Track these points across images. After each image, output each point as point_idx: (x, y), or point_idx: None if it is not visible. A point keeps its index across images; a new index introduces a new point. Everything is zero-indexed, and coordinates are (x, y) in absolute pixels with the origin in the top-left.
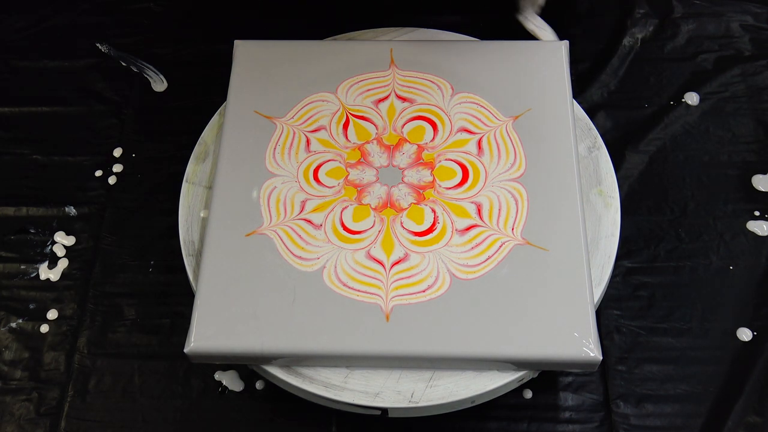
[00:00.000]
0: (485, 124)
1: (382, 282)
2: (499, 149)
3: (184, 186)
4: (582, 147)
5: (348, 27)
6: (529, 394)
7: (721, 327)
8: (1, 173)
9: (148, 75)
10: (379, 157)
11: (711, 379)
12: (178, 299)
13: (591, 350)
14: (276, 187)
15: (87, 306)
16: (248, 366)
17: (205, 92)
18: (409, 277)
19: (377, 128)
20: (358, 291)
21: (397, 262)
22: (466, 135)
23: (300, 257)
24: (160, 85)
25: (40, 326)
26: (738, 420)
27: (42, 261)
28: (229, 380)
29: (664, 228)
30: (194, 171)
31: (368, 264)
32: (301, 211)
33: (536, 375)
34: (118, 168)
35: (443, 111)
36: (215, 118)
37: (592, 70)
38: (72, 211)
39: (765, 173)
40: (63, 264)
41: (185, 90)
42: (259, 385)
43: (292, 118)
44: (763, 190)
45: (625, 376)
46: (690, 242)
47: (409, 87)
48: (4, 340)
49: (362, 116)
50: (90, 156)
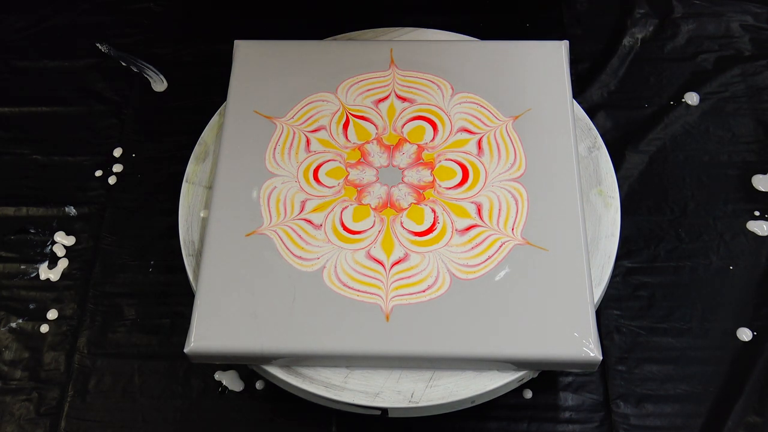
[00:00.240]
0: (485, 124)
1: (382, 282)
2: (499, 149)
3: (184, 186)
4: (582, 147)
5: (348, 27)
6: (529, 394)
7: (721, 327)
8: (1, 173)
9: (148, 75)
10: (379, 157)
11: (711, 379)
12: (178, 299)
13: (591, 350)
14: (276, 187)
15: (87, 306)
16: (248, 366)
17: (205, 92)
18: (409, 277)
19: (377, 128)
20: (358, 291)
21: (397, 262)
22: (466, 135)
23: (300, 257)
24: (160, 85)
25: (40, 326)
26: (738, 420)
27: (42, 261)
28: (229, 380)
29: (664, 228)
30: (194, 171)
31: (368, 264)
32: (301, 211)
33: (536, 375)
34: (118, 168)
35: (443, 111)
36: (215, 118)
37: (592, 70)
38: (72, 211)
39: (765, 173)
40: (63, 264)
41: (185, 90)
42: (259, 385)
43: (292, 118)
44: (763, 190)
45: (625, 376)
46: (690, 242)
47: (409, 87)
48: (4, 340)
49: (362, 116)
50: (90, 156)
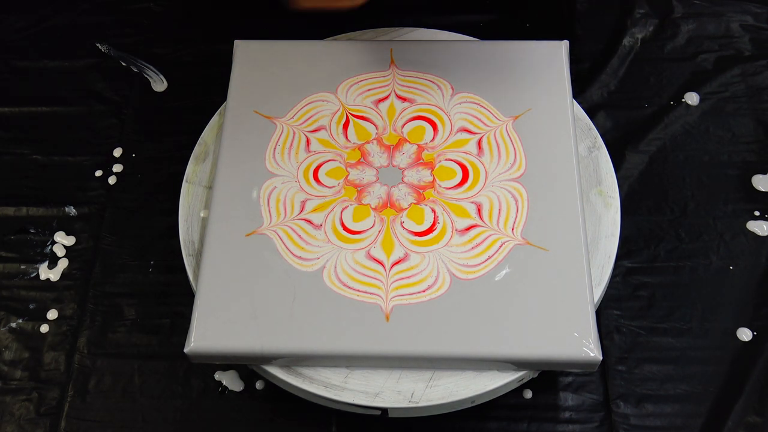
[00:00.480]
0: (485, 124)
1: (382, 282)
2: (499, 149)
3: (184, 186)
4: (582, 147)
5: (348, 27)
6: (529, 394)
7: (721, 327)
8: (1, 173)
9: (148, 75)
10: (379, 157)
11: (711, 379)
12: (178, 299)
13: (591, 350)
14: (276, 187)
15: (87, 306)
16: (248, 366)
17: (205, 92)
18: (409, 277)
19: (377, 128)
20: (358, 291)
21: (397, 262)
22: (466, 135)
23: (300, 257)
24: (160, 85)
25: (40, 326)
26: (738, 420)
27: (42, 261)
28: (229, 380)
29: (664, 228)
30: (194, 171)
31: (368, 264)
32: (301, 211)
33: (536, 375)
34: (118, 168)
35: (443, 111)
36: (215, 118)
37: (592, 70)
38: (72, 211)
39: (765, 173)
40: (63, 264)
41: (185, 90)
42: (259, 385)
43: (292, 118)
44: (763, 190)
45: (625, 376)
46: (690, 242)
47: (409, 87)
48: (4, 340)
49: (362, 116)
50: (90, 156)
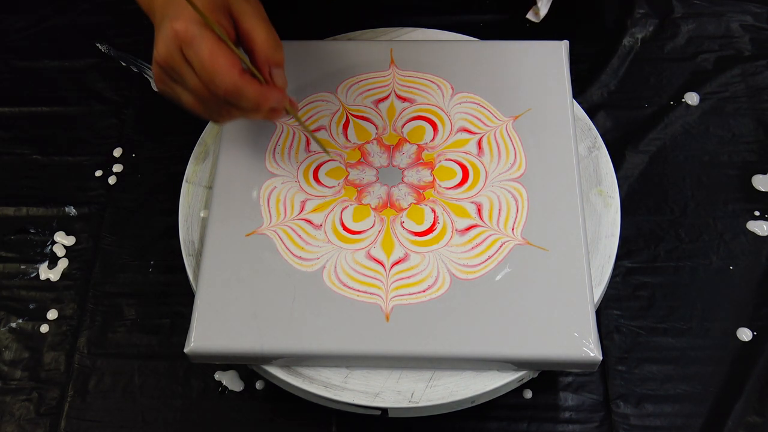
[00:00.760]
0: (485, 124)
1: (382, 282)
2: (499, 149)
3: (184, 186)
4: (582, 147)
5: (348, 27)
6: (529, 394)
7: (721, 327)
8: (1, 173)
9: (148, 75)
10: (379, 157)
11: (711, 379)
12: (178, 299)
13: (591, 350)
14: (276, 187)
15: (87, 306)
16: (248, 366)
17: None
18: (409, 277)
19: (377, 128)
20: (358, 291)
21: (397, 262)
22: (466, 135)
23: (300, 257)
24: None
25: (40, 326)
26: (738, 420)
27: (42, 261)
28: (229, 380)
29: (664, 228)
30: (194, 171)
31: (368, 264)
32: (301, 211)
33: (536, 375)
34: (118, 168)
35: (443, 111)
36: None
37: (592, 70)
38: (72, 211)
39: (765, 173)
40: (63, 264)
41: None
42: (259, 385)
43: (292, 118)
44: (763, 190)
45: (625, 376)
46: (690, 242)
47: (409, 87)
48: (4, 340)
49: (362, 116)
50: (90, 156)
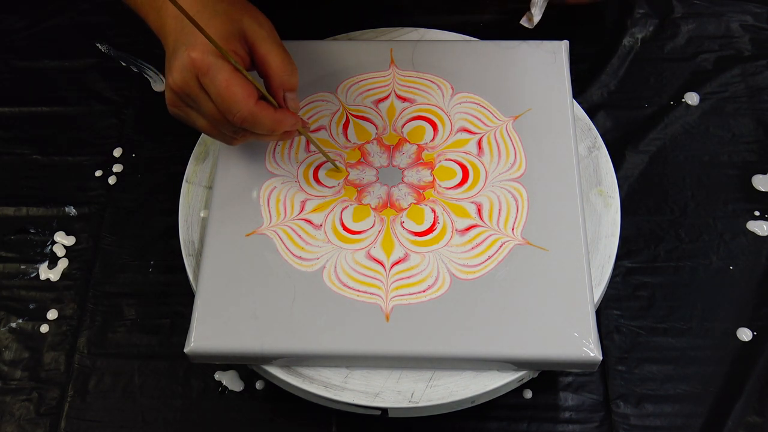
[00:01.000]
0: (485, 124)
1: (382, 282)
2: (499, 149)
3: (184, 186)
4: (582, 147)
5: (348, 27)
6: (529, 394)
7: (721, 327)
8: (1, 173)
9: (148, 75)
10: (379, 157)
11: (711, 379)
12: (178, 299)
13: (591, 350)
14: (276, 187)
15: (87, 306)
16: (248, 366)
17: None
18: (409, 277)
19: (377, 128)
20: (358, 291)
21: (397, 262)
22: (466, 135)
23: (300, 257)
24: (160, 85)
25: (40, 326)
26: (738, 420)
27: (42, 261)
28: (229, 380)
29: (664, 228)
30: (194, 171)
31: (368, 264)
32: (301, 211)
33: (536, 375)
34: (118, 168)
35: (443, 111)
36: None
37: (592, 70)
38: (72, 211)
39: (765, 173)
40: (63, 264)
41: None
42: (259, 385)
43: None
44: (763, 190)
45: (625, 376)
46: (690, 242)
47: (409, 87)
48: (4, 340)
49: (362, 116)
50: (90, 156)
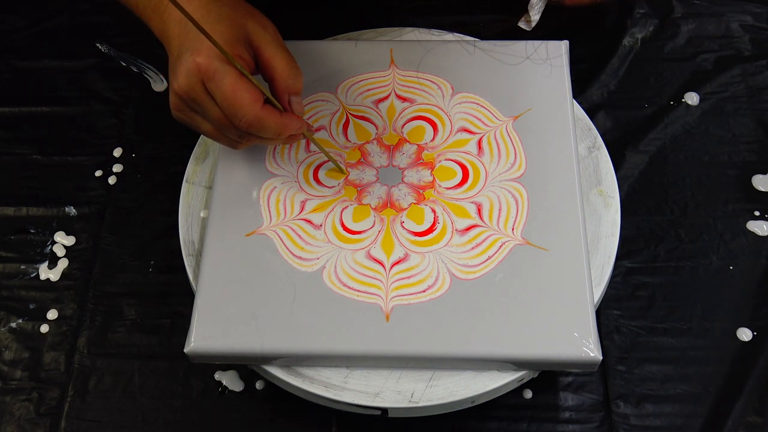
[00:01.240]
0: (485, 124)
1: (382, 282)
2: (499, 149)
3: (184, 186)
4: (582, 147)
5: (348, 27)
6: (529, 394)
7: (721, 327)
8: (1, 173)
9: (148, 75)
10: (379, 157)
11: (711, 379)
12: (178, 299)
13: (591, 350)
14: (276, 187)
15: (87, 306)
16: (248, 366)
17: None
18: (409, 277)
19: (377, 128)
20: (358, 291)
21: (397, 263)
22: (466, 135)
23: (300, 257)
24: (160, 85)
25: (40, 326)
26: (738, 420)
27: (42, 261)
28: (229, 380)
29: (664, 228)
30: (194, 171)
31: (368, 264)
32: (301, 211)
33: (536, 375)
34: (118, 168)
35: (443, 111)
36: None
37: (592, 70)
38: (72, 211)
39: (765, 173)
40: (63, 264)
41: None
42: (259, 385)
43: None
44: (763, 190)
45: (625, 376)
46: (690, 242)
47: (409, 87)
48: (4, 340)
49: (362, 116)
50: (90, 156)
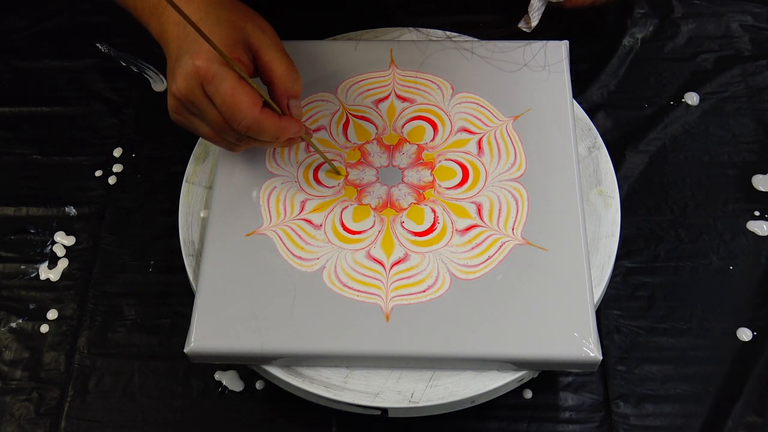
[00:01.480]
0: (485, 124)
1: (382, 282)
2: (499, 149)
3: (184, 186)
4: (582, 147)
5: (348, 27)
6: (529, 394)
7: (721, 327)
8: (1, 173)
9: (148, 75)
10: (379, 157)
11: (711, 379)
12: (178, 299)
13: (591, 350)
14: (276, 187)
15: (87, 306)
16: (248, 366)
17: None
18: (409, 277)
19: (377, 128)
20: (358, 291)
21: (397, 263)
22: (466, 135)
23: (300, 257)
24: (160, 85)
25: (40, 326)
26: (738, 420)
27: (42, 261)
28: (229, 380)
29: (664, 228)
30: (194, 171)
31: (368, 264)
32: (301, 211)
33: (536, 375)
34: (118, 168)
35: (443, 111)
36: None
37: (592, 70)
38: (72, 211)
39: (765, 173)
40: (63, 264)
41: None
42: (259, 385)
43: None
44: (763, 190)
45: (625, 376)
46: (690, 242)
47: (409, 87)
48: (4, 340)
49: (362, 116)
50: (90, 156)
